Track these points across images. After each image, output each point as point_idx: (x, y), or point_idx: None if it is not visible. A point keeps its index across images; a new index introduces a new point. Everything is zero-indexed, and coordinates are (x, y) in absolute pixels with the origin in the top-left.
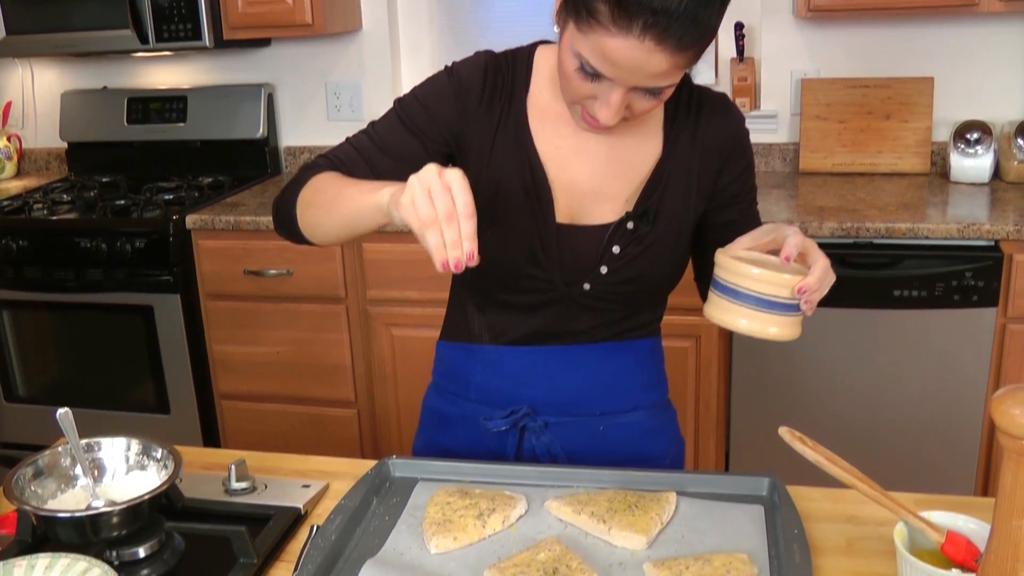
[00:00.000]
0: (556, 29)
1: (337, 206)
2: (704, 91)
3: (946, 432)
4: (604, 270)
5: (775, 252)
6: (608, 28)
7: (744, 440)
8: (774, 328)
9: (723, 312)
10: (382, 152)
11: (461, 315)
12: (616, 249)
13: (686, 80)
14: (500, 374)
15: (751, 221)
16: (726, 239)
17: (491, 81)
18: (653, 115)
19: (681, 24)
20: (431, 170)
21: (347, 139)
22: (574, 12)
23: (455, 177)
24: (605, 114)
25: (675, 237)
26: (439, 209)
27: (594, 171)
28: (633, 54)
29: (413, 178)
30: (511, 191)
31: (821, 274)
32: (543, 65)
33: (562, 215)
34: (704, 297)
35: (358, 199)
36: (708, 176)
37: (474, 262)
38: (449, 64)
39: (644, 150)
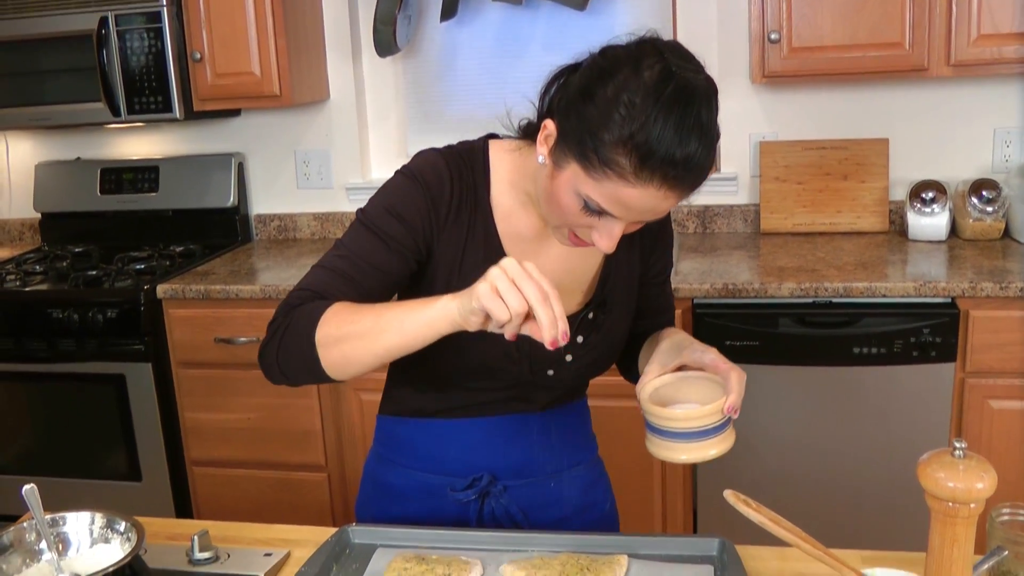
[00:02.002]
0: (542, 159)
1: (383, 333)
2: None
3: (909, 488)
4: (569, 358)
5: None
6: (627, 179)
7: (711, 500)
8: (713, 450)
9: (664, 451)
10: (367, 273)
11: (408, 392)
12: (580, 339)
13: None
14: (457, 444)
15: (664, 296)
16: (645, 315)
17: (457, 187)
18: None
19: (696, 172)
20: (510, 261)
21: (318, 265)
22: (583, 158)
23: (531, 265)
24: (606, 244)
25: (625, 317)
26: (531, 295)
27: (554, 269)
28: (650, 201)
29: (494, 270)
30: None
31: (740, 386)
32: (500, 166)
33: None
34: (623, 373)
35: (411, 318)
36: (642, 259)
37: (567, 339)
38: (405, 169)
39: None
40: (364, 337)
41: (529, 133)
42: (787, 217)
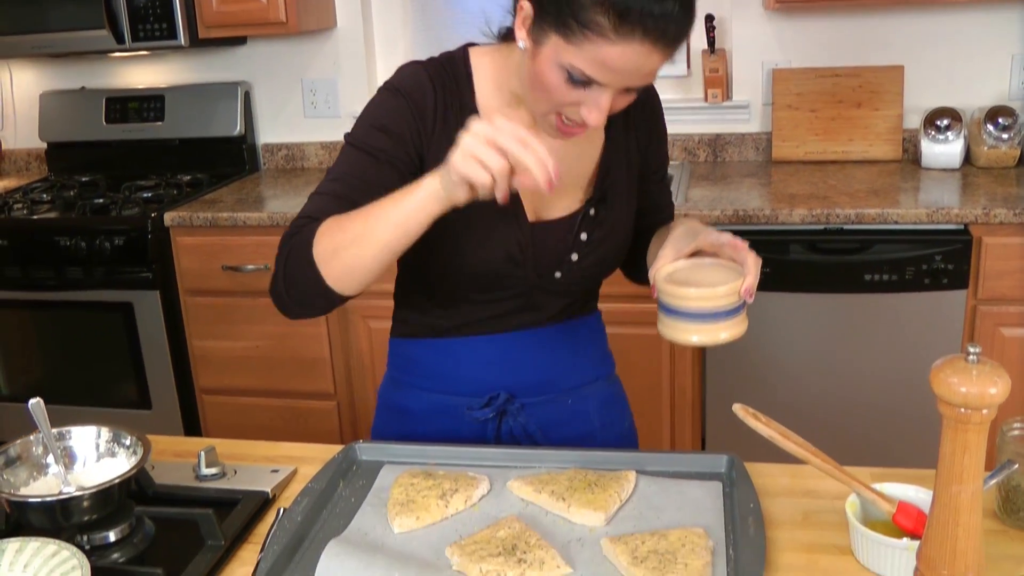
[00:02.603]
0: (523, 44)
1: (375, 231)
2: None
3: (917, 413)
4: (575, 257)
5: (697, 254)
6: (608, 38)
7: (719, 423)
8: (724, 333)
9: (674, 331)
10: (361, 190)
11: (418, 312)
12: (584, 236)
13: None
14: (474, 363)
15: (664, 192)
16: (647, 213)
17: (440, 95)
18: None
19: (677, 23)
20: (478, 122)
21: (315, 193)
22: (561, 26)
23: (500, 118)
24: (595, 117)
25: (627, 214)
26: (508, 145)
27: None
28: (633, 58)
29: (464, 135)
30: (483, 201)
31: (757, 269)
32: (482, 70)
33: (533, 214)
34: (629, 276)
35: (399, 208)
36: (639, 153)
37: (558, 176)
38: (387, 83)
39: (590, 139)
40: (358, 241)
41: (507, 37)
42: (799, 145)
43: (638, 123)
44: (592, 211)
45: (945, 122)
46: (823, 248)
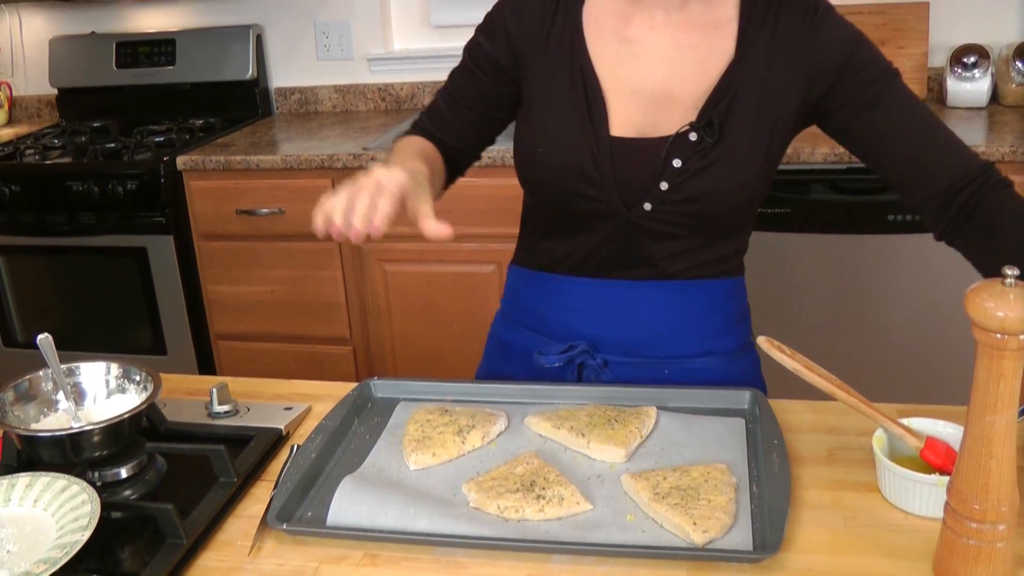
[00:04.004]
0: None
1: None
2: None
3: (941, 353)
4: (664, 186)
5: None
6: None
7: None
8: None
9: None
10: (453, 101)
11: (531, 239)
12: (677, 163)
13: None
14: (562, 306)
15: (908, 120)
16: (890, 151)
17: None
18: (725, 14)
19: None
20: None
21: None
22: None
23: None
24: None
25: (748, 152)
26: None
27: (658, 77)
28: None
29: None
30: (561, 104)
31: None
32: None
33: (622, 128)
34: (945, 238)
35: None
36: (792, 90)
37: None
38: None
39: (715, 52)
40: None
41: None
42: None
43: (792, 52)
44: (693, 135)
45: (972, 59)
46: (845, 188)
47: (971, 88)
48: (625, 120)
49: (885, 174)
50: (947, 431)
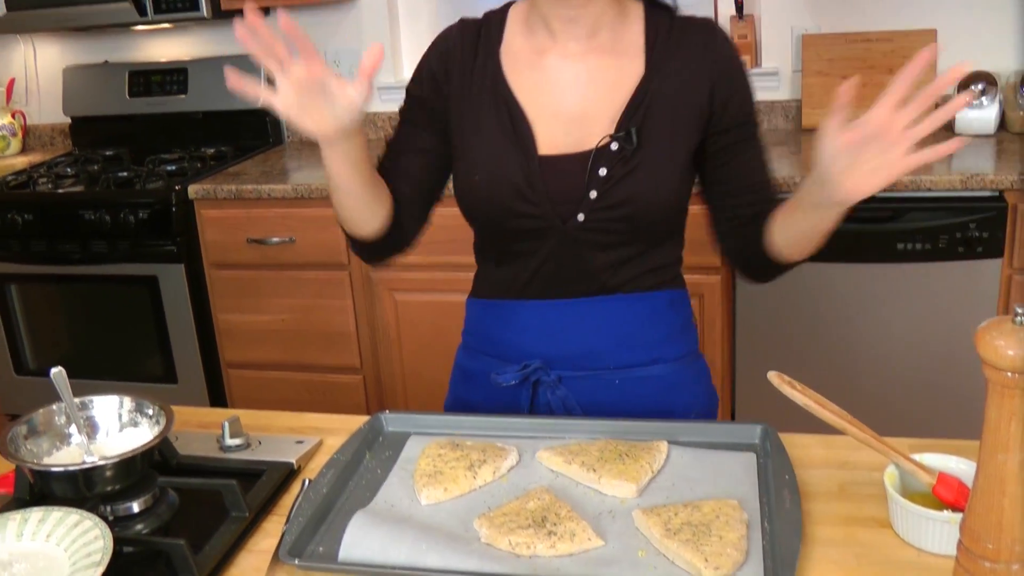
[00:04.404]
0: None
1: (330, 183)
2: (688, 18)
3: (951, 385)
4: (593, 194)
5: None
6: None
7: (749, 394)
8: None
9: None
10: (401, 156)
11: (481, 270)
12: (603, 172)
13: (671, 10)
14: (514, 328)
15: (751, 150)
16: (726, 169)
17: (467, 40)
18: (632, 40)
19: None
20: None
21: None
22: None
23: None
24: None
25: (667, 156)
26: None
27: (577, 99)
28: None
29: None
30: (490, 133)
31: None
32: (516, 16)
33: (549, 147)
34: (719, 238)
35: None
36: (698, 99)
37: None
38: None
39: (624, 73)
40: (332, 194)
41: None
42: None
43: (697, 69)
44: (614, 145)
45: (980, 87)
46: (855, 216)
47: (979, 116)
48: (551, 140)
49: (709, 192)
50: (960, 467)
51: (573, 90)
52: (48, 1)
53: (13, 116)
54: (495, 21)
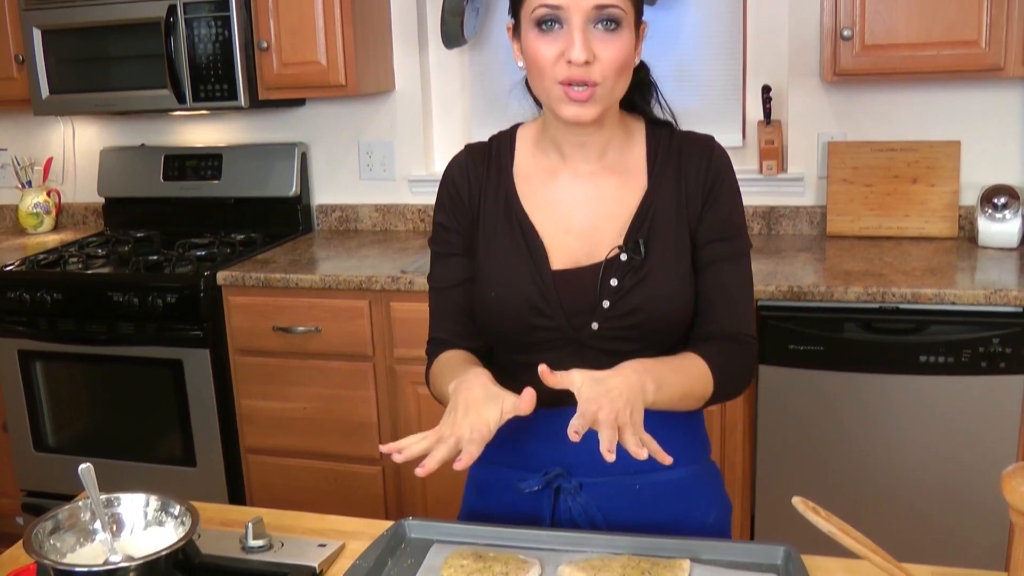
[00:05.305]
0: (520, 63)
1: (437, 390)
2: (688, 134)
3: (973, 503)
4: (606, 304)
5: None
6: None
7: (770, 505)
8: None
9: None
10: (453, 294)
11: (500, 382)
12: (614, 282)
13: (671, 127)
14: (533, 436)
15: (716, 271)
16: (699, 282)
17: (478, 163)
18: (636, 158)
19: None
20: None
21: (430, 306)
22: (512, 9)
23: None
24: (577, 50)
25: (672, 267)
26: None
27: (586, 215)
28: None
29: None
30: (505, 250)
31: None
32: (525, 137)
33: (561, 261)
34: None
35: (442, 389)
36: (690, 212)
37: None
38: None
39: (629, 188)
40: (434, 389)
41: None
42: (854, 220)
43: (694, 184)
44: (623, 256)
45: (1002, 200)
46: (878, 328)
47: (1002, 229)
48: (563, 255)
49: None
50: None
51: (583, 207)
52: (89, 85)
53: (48, 194)
54: (504, 142)
